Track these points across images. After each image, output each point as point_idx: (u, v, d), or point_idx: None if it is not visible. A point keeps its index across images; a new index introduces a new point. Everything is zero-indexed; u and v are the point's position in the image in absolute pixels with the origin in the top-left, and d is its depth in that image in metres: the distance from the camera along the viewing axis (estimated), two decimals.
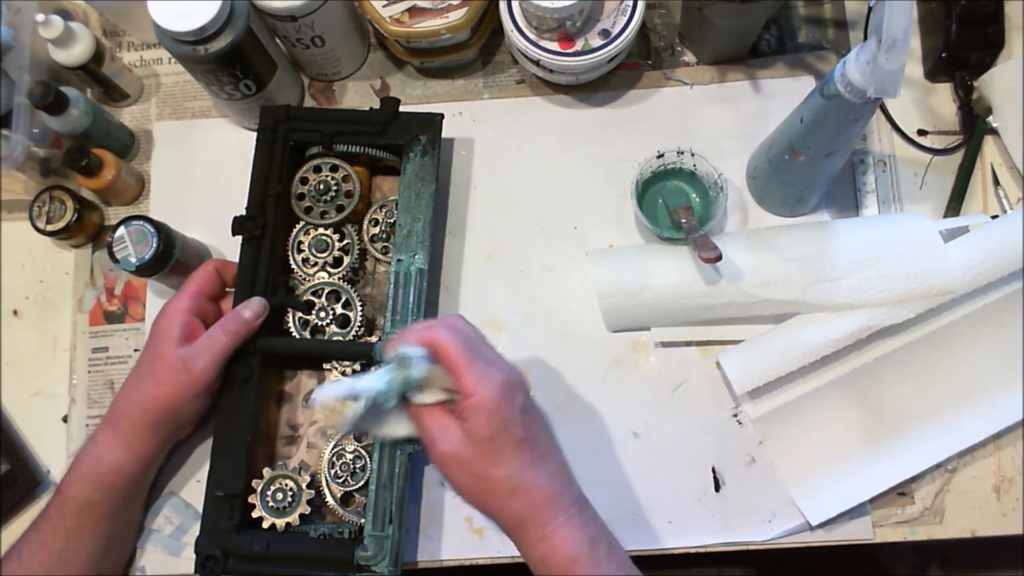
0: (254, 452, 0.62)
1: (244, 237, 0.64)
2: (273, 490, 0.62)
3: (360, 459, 0.63)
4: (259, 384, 0.62)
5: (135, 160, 0.75)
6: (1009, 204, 0.69)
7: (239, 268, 0.64)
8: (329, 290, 0.66)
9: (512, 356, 0.67)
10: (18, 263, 0.73)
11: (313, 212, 0.67)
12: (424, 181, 0.65)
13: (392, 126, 0.66)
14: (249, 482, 0.61)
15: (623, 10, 0.66)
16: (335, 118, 0.67)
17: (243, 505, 0.61)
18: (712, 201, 0.66)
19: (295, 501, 0.62)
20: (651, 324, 0.66)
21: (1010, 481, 0.64)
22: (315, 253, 0.67)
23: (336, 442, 0.64)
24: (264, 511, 0.61)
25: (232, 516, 0.60)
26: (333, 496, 0.63)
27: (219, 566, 0.58)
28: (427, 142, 0.65)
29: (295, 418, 0.67)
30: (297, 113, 0.67)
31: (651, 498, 0.64)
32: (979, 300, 0.63)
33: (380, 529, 0.58)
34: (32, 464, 0.68)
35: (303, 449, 0.67)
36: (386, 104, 0.66)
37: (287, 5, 0.63)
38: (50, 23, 0.66)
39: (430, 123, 0.66)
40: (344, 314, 0.66)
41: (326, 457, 0.63)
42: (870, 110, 0.53)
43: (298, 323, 0.65)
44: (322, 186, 0.66)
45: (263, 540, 0.59)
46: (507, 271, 0.69)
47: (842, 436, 0.64)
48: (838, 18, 0.74)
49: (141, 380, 0.60)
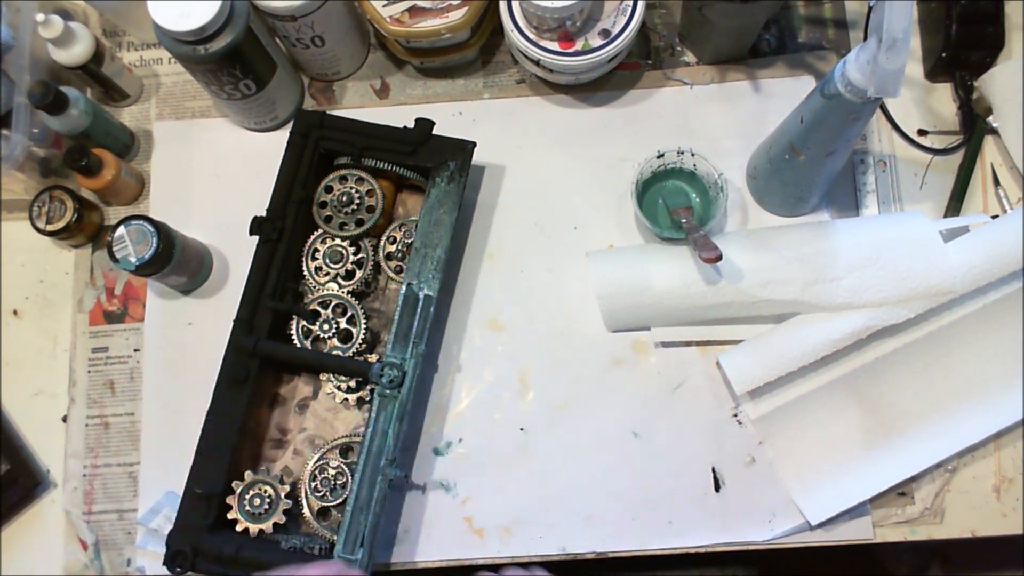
0: (239, 452, 0.62)
1: (261, 238, 0.64)
2: (252, 495, 0.62)
3: (342, 476, 0.63)
4: (254, 386, 0.62)
5: (135, 160, 0.75)
6: (1009, 204, 0.69)
7: (251, 268, 0.64)
8: (336, 303, 0.66)
9: (512, 356, 0.67)
10: (18, 263, 0.73)
11: (333, 222, 0.67)
12: (446, 208, 0.64)
13: (423, 148, 0.66)
14: (230, 482, 0.62)
15: (623, 10, 0.66)
16: (368, 132, 0.66)
17: (220, 505, 0.61)
18: (712, 201, 0.66)
19: (271, 509, 0.62)
20: (651, 324, 0.66)
21: (1010, 481, 0.64)
22: (329, 263, 0.67)
23: (321, 455, 0.63)
24: (240, 514, 0.61)
25: (207, 515, 0.60)
26: (310, 509, 0.63)
27: (187, 563, 0.59)
28: (455, 169, 0.65)
29: (286, 423, 0.67)
30: (331, 121, 0.66)
31: (651, 498, 0.64)
32: (979, 300, 0.63)
33: (350, 552, 0.58)
34: (32, 464, 0.68)
35: (289, 455, 0.67)
36: (420, 125, 0.66)
37: (287, 5, 0.63)
38: (50, 23, 0.66)
39: (461, 150, 0.66)
40: (347, 329, 0.65)
41: (309, 469, 0.63)
42: (870, 110, 0.53)
43: (301, 331, 0.65)
44: (345, 197, 0.66)
45: (234, 543, 0.59)
46: (507, 271, 0.69)
47: (842, 436, 0.64)
48: (838, 18, 0.74)
49: None
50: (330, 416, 0.67)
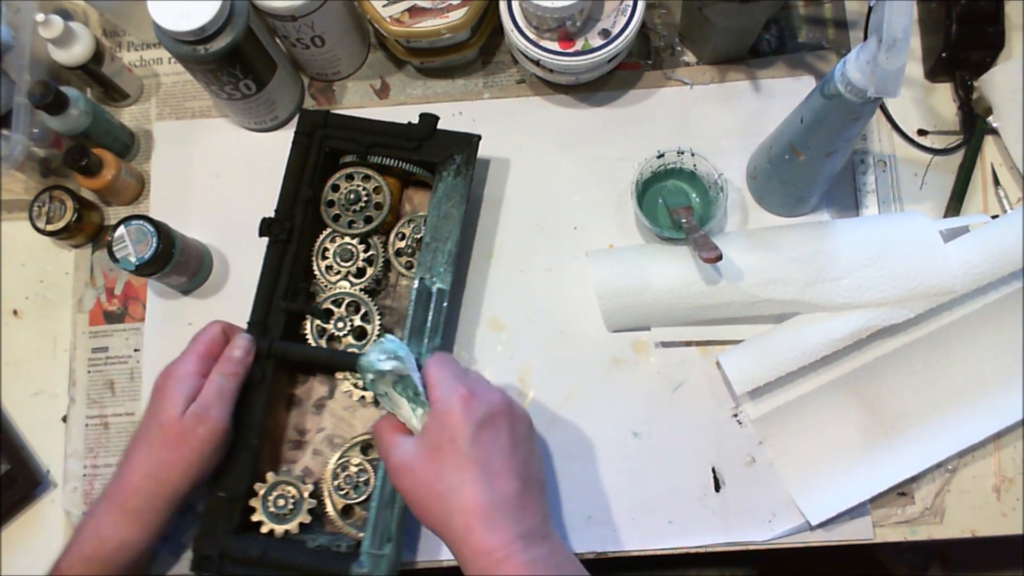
0: (259, 455, 0.62)
1: (270, 239, 0.64)
2: (275, 496, 0.61)
3: (364, 473, 0.63)
4: (270, 387, 0.62)
5: (135, 160, 0.75)
6: (1009, 204, 0.69)
7: (262, 269, 0.64)
8: (349, 301, 0.66)
9: (512, 356, 0.67)
10: (18, 263, 0.73)
11: (341, 220, 0.67)
12: (454, 201, 0.64)
13: (428, 142, 0.66)
14: (252, 485, 0.61)
15: (623, 10, 0.66)
16: (372, 129, 0.66)
17: (243, 508, 0.61)
18: (712, 201, 0.66)
19: (296, 509, 0.61)
20: (651, 324, 0.66)
21: (1010, 481, 0.64)
22: (339, 262, 0.66)
23: (342, 453, 0.63)
24: (264, 516, 0.61)
25: (231, 518, 0.60)
26: (334, 507, 0.62)
27: (214, 567, 0.58)
28: (461, 162, 0.65)
29: (303, 423, 0.67)
30: (335, 120, 0.66)
31: (651, 498, 0.64)
32: (979, 300, 0.63)
33: (378, 548, 0.58)
34: (32, 464, 0.68)
35: (308, 456, 0.66)
36: (424, 120, 0.66)
37: (287, 5, 0.63)
38: (50, 23, 0.66)
39: (467, 143, 0.66)
40: (362, 326, 0.65)
41: (331, 467, 0.63)
42: (870, 110, 0.53)
43: (315, 331, 0.65)
44: (353, 195, 0.66)
45: (260, 545, 0.59)
46: (507, 271, 0.69)
47: (842, 436, 0.64)
48: (838, 18, 0.74)
49: (150, 449, 0.57)
50: (347, 415, 0.67)
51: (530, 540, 0.49)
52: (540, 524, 0.50)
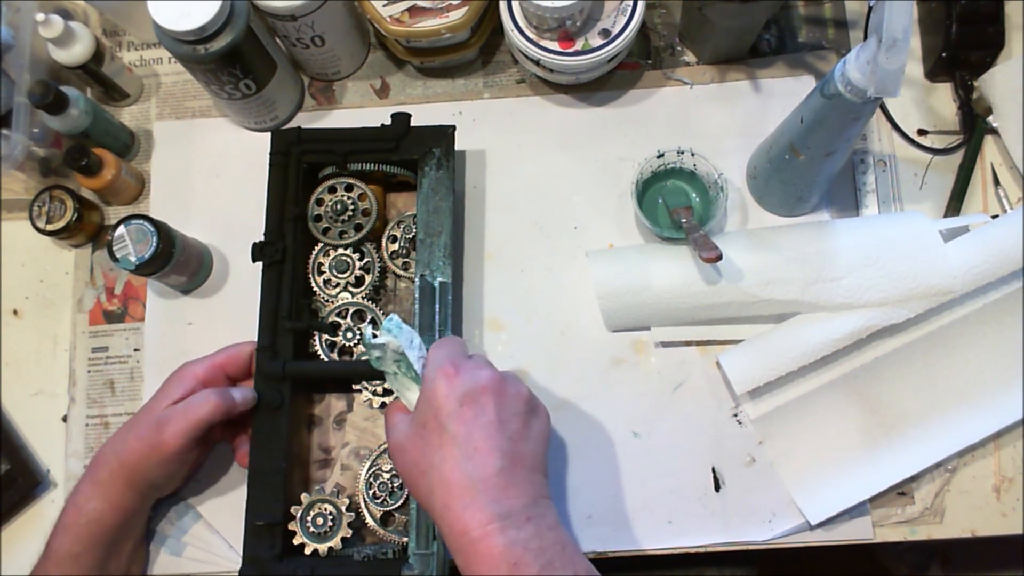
0: (290, 479, 0.62)
1: (265, 263, 0.64)
2: (313, 515, 0.61)
3: (397, 478, 0.62)
4: (289, 410, 0.62)
5: (135, 160, 0.75)
6: (1009, 204, 0.69)
7: (262, 293, 0.63)
8: (354, 310, 0.66)
9: (512, 356, 0.67)
10: (18, 263, 0.73)
11: (331, 233, 0.67)
12: (441, 194, 0.64)
13: (405, 141, 0.65)
14: (288, 509, 0.61)
15: (623, 10, 0.66)
16: (347, 137, 0.66)
17: (284, 532, 0.60)
18: (712, 201, 0.66)
19: (336, 525, 0.61)
20: (651, 324, 0.66)
21: (1010, 481, 0.64)
22: (336, 274, 0.66)
23: (371, 462, 0.63)
24: (305, 537, 0.61)
25: (273, 544, 0.59)
26: (373, 517, 0.62)
27: None
28: (441, 155, 0.65)
29: (327, 441, 0.67)
30: (308, 135, 0.66)
31: (651, 498, 0.64)
32: (979, 300, 0.63)
33: (425, 547, 0.57)
34: (32, 464, 0.68)
35: (337, 472, 0.66)
36: (397, 120, 0.66)
37: (287, 5, 0.63)
38: (50, 23, 0.66)
39: (443, 135, 0.66)
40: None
41: (362, 478, 0.62)
42: (870, 110, 0.53)
43: (325, 345, 0.65)
44: (339, 206, 0.66)
45: (307, 567, 0.58)
46: (507, 271, 0.69)
47: (842, 436, 0.64)
48: (838, 18, 0.74)
49: (127, 430, 0.59)
50: (369, 425, 0.67)
51: (509, 522, 0.46)
52: (526, 505, 0.47)
